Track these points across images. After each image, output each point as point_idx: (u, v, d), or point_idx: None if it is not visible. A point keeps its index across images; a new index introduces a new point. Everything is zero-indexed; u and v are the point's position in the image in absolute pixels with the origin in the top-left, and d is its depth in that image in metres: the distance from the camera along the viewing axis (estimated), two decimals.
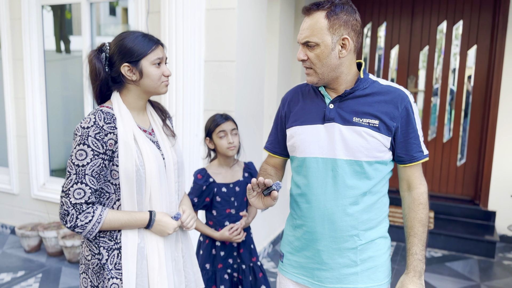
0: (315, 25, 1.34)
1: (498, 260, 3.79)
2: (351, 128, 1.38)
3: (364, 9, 4.69)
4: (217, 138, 2.10)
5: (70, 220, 1.37)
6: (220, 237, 2.07)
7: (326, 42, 1.34)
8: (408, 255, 1.44)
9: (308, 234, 1.48)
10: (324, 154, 1.42)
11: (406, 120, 1.39)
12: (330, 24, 1.33)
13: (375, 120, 1.37)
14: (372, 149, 1.37)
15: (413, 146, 1.41)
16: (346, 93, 1.41)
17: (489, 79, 4.19)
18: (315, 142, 1.43)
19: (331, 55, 1.35)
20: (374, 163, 1.39)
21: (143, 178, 1.43)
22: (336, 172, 1.40)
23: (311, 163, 1.44)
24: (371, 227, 1.44)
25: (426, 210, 1.44)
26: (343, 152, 1.39)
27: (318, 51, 1.35)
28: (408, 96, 1.40)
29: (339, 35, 1.34)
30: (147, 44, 1.45)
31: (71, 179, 1.37)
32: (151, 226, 1.46)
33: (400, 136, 1.40)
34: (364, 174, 1.39)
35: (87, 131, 1.37)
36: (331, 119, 1.41)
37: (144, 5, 3.18)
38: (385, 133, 1.38)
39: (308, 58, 1.38)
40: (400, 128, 1.39)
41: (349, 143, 1.38)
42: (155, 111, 1.61)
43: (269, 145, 1.67)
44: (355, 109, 1.40)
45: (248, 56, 3.09)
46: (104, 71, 1.46)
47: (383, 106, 1.38)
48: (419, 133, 1.41)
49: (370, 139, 1.37)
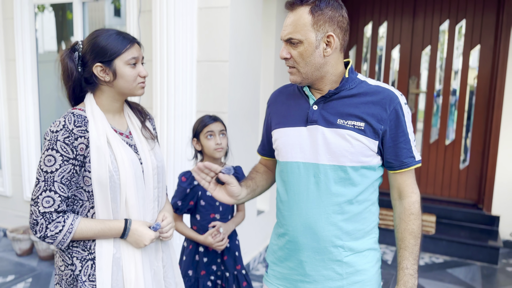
0: (299, 21, 1.25)
1: (501, 267, 3.67)
2: (335, 130, 1.28)
3: (364, 8, 4.59)
4: (204, 139, 2.01)
5: (39, 230, 1.29)
6: (203, 241, 1.98)
7: (310, 39, 1.24)
8: (398, 269, 1.34)
9: (291, 243, 1.38)
10: (306, 158, 1.32)
11: (396, 122, 1.28)
12: (314, 20, 1.23)
13: (361, 122, 1.27)
14: (357, 153, 1.27)
15: (403, 151, 1.31)
16: (330, 93, 1.31)
17: (493, 79, 4.08)
18: (297, 146, 1.34)
19: (315, 53, 1.26)
20: (360, 168, 1.29)
21: (117, 184, 1.34)
22: (318, 178, 1.31)
23: (293, 168, 1.35)
24: (358, 238, 1.34)
25: (418, 221, 1.34)
26: (326, 156, 1.29)
27: (301, 49, 1.26)
28: (398, 97, 1.29)
29: (324, 32, 1.25)
30: (121, 42, 1.36)
31: (40, 187, 1.29)
32: (126, 236, 1.38)
33: (389, 140, 1.30)
34: (349, 180, 1.29)
35: (56, 135, 1.29)
36: (314, 121, 1.32)
37: (136, 4, 3.10)
38: (372, 136, 1.28)
39: (291, 56, 1.29)
40: (389, 131, 1.29)
41: (332, 146, 1.28)
42: (134, 113, 1.52)
43: (260, 147, 1.61)
44: (339, 111, 1.30)
45: (242, 56, 3.00)
46: (76, 71, 1.38)
47: (370, 107, 1.28)
48: (410, 137, 1.31)
49: (354, 143, 1.27)
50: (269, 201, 3.74)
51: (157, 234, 1.44)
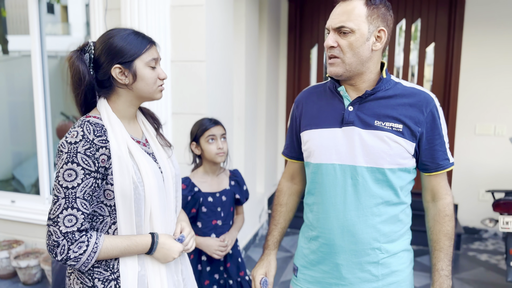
0: (353, 11, 1.23)
1: (463, 252, 3.90)
2: (372, 132, 1.27)
3: (324, 8, 4.67)
4: (205, 143, 1.94)
5: (61, 252, 1.16)
6: (203, 242, 1.90)
7: (362, 30, 1.23)
8: (433, 270, 1.35)
9: (326, 246, 1.36)
10: (342, 160, 1.31)
11: (432, 125, 1.29)
12: (369, 13, 1.23)
13: (399, 124, 1.27)
14: (395, 155, 1.27)
15: (439, 153, 1.32)
16: (367, 93, 1.30)
17: (447, 76, 4.31)
18: (332, 147, 1.32)
19: (365, 45, 1.25)
20: (397, 170, 1.29)
21: (142, 196, 1.25)
22: (356, 180, 1.29)
23: (328, 170, 1.33)
24: (394, 240, 1.34)
25: (453, 223, 1.36)
26: (363, 158, 1.28)
27: (352, 39, 1.24)
28: (434, 99, 1.31)
29: (376, 25, 1.24)
30: (141, 42, 1.27)
31: (60, 204, 1.17)
32: (154, 251, 1.28)
33: (425, 143, 1.30)
34: (386, 182, 1.29)
35: (75, 146, 1.17)
36: (350, 122, 1.30)
37: (101, 1, 2.93)
38: (410, 138, 1.28)
39: (339, 45, 1.26)
40: (426, 133, 1.29)
41: (370, 148, 1.27)
42: (147, 119, 1.43)
43: (286, 149, 1.56)
44: (376, 112, 1.29)
45: (217, 55, 2.94)
46: (89, 74, 1.27)
47: (407, 109, 1.28)
48: (445, 139, 1.33)
49: (393, 145, 1.26)
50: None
51: (183, 245, 1.37)
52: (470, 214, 4.23)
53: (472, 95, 4.15)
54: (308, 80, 4.82)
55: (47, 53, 3.39)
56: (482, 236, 4.26)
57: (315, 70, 4.80)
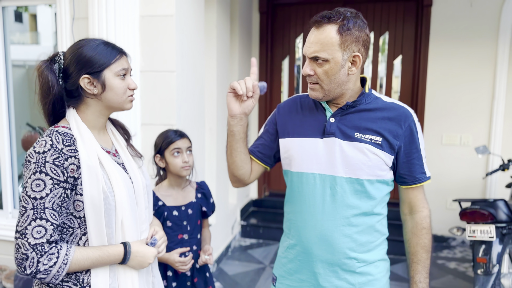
0: (326, 40, 1.24)
1: (432, 260, 3.96)
2: (352, 144, 1.30)
3: (295, 20, 4.73)
4: (170, 156, 1.90)
5: (30, 265, 1.13)
6: (167, 258, 1.83)
7: (337, 59, 1.25)
8: (411, 283, 1.38)
9: (303, 255, 1.37)
10: (322, 170, 1.33)
11: (410, 139, 1.33)
12: (342, 40, 1.24)
13: (378, 137, 1.30)
14: (374, 167, 1.30)
15: (416, 167, 1.35)
16: (348, 105, 1.32)
17: (414, 87, 4.42)
18: (313, 157, 1.34)
19: (340, 72, 1.26)
20: (375, 182, 1.32)
21: (112, 206, 1.23)
22: (334, 190, 1.31)
23: (308, 179, 1.34)
24: (370, 249, 1.36)
25: (430, 235, 1.39)
26: (342, 169, 1.30)
27: (327, 67, 1.26)
28: (412, 114, 1.34)
29: (350, 52, 1.25)
30: (110, 53, 1.27)
31: (28, 215, 1.14)
32: (127, 260, 1.26)
33: (403, 156, 1.33)
34: (365, 193, 1.31)
35: (44, 156, 1.16)
36: (331, 133, 1.32)
37: (68, 10, 2.87)
38: (388, 151, 1.31)
39: (315, 73, 1.28)
40: (404, 147, 1.33)
41: (350, 159, 1.29)
42: (117, 130, 1.42)
43: (254, 148, 1.52)
44: (357, 124, 1.32)
45: (188, 66, 2.92)
46: (57, 84, 1.25)
47: (386, 123, 1.31)
48: (422, 153, 1.36)
49: (372, 156, 1.29)
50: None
51: (157, 249, 1.35)
52: (438, 223, 4.31)
53: (439, 105, 4.26)
54: (279, 91, 4.85)
55: (14, 62, 3.29)
56: (451, 244, 4.35)
57: (287, 81, 4.84)
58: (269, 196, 4.95)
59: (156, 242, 1.37)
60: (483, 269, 2.60)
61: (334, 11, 1.27)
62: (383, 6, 4.48)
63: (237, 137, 1.40)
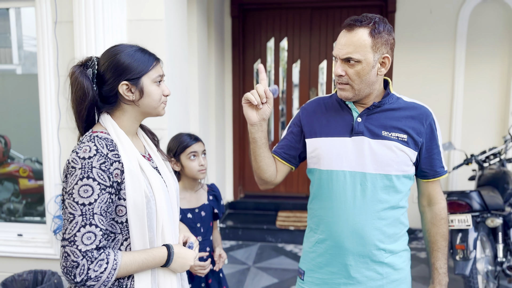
0: (358, 42, 1.32)
1: None
2: (381, 142, 1.39)
3: (266, 24, 4.83)
4: (187, 160, 1.93)
5: (80, 272, 1.12)
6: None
7: (368, 60, 1.33)
8: (433, 269, 1.49)
9: (334, 248, 1.45)
10: (352, 167, 1.40)
11: (430, 136, 1.43)
12: (374, 42, 1.32)
13: (404, 135, 1.40)
14: (401, 163, 1.39)
15: (436, 162, 1.46)
16: (374, 105, 1.41)
17: None
18: (343, 155, 1.41)
19: (371, 72, 1.35)
20: (402, 177, 1.42)
21: (153, 210, 1.24)
22: (365, 186, 1.39)
23: (338, 176, 1.42)
24: (396, 240, 1.45)
25: (447, 224, 1.51)
26: (372, 166, 1.39)
27: (359, 68, 1.33)
28: (431, 113, 1.46)
29: (381, 53, 1.34)
30: (148, 59, 1.28)
31: (77, 222, 1.13)
32: (171, 262, 1.28)
33: (424, 152, 1.44)
34: (393, 188, 1.41)
35: (90, 161, 1.15)
36: (359, 132, 1.40)
37: (50, 13, 2.78)
38: (413, 147, 1.41)
39: (347, 73, 1.36)
40: (425, 143, 1.43)
41: (379, 157, 1.38)
42: (146, 134, 1.42)
43: (279, 149, 1.57)
44: (383, 123, 1.41)
45: (176, 71, 2.93)
46: (92, 90, 1.25)
47: (410, 121, 1.41)
48: (440, 149, 1.47)
49: (399, 153, 1.39)
50: None
51: (195, 252, 1.38)
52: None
53: None
54: None
55: None
56: (418, 235, 4.62)
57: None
58: (245, 198, 5.01)
59: (193, 246, 1.40)
60: (462, 255, 2.82)
61: (364, 16, 1.36)
62: (349, 12, 4.69)
63: (259, 143, 1.45)
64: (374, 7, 4.61)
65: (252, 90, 1.38)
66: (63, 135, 2.84)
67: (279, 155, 1.57)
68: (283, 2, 4.73)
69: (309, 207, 1.56)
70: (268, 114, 1.41)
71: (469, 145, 4.44)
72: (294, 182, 5.01)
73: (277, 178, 1.56)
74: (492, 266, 2.98)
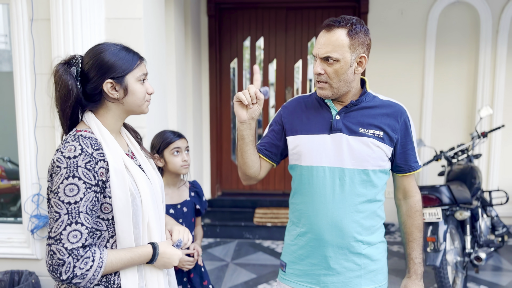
0: (337, 42, 1.38)
1: None
2: (358, 138, 1.46)
3: (242, 24, 4.88)
4: (170, 156, 1.97)
5: (66, 270, 1.13)
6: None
7: (346, 59, 1.39)
8: (408, 259, 1.57)
9: (315, 241, 1.51)
10: (331, 163, 1.47)
11: (405, 132, 1.51)
12: (351, 42, 1.39)
13: (380, 131, 1.47)
14: (377, 158, 1.47)
15: (410, 157, 1.54)
16: (352, 103, 1.48)
17: None
18: (322, 152, 1.48)
19: (349, 71, 1.41)
20: (378, 171, 1.49)
21: (139, 207, 1.27)
22: (343, 181, 1.46)
23: (318, 172, 1.48)
24: (373, 232, 1.53)
25: (421, 217, 1.59)
26: (350, 161, 1.46)
27: (337, 67, 1.40)
28: (406, 111, 1.54)
29: (358, 53, 1.41)
30: (132, 58, 1.30)
31: (62, 221, 1.14)
32: (154, 260, 1.30)
33: (399, 147, 1.52)
34: (370, 182, 1.48)
35: (75, 160, 1.17)
36: (338, 129, 1.47)
37: (25, 11, 2.74)
38: (389, 143, 1.49)
39: (326, 72, 1.42)
40: (400, 139, 1.51)
41: (356, 153, 1.46)
42: (129, 132, 1.44)
43: (261, 146, 1.62)
44: (360, 121, 1.48)
45: (154, 69, 2.94)
46: (77, 88, 1.26)
47: (386, 118, 1.49)
48: (414, 145, 1.55)
49: (375, 149, 1.46)
50: None
51: (181, 251, 1.40)
52: None
53: None
54: (229, 92, 4.97)
55: None
56: (390, 229, 4.77)
57: (237, 82, 4.97)
58: (222, 196, 5.06)
59: (181, 244, 1.42)
60: (432, 247, 2.95)
61: (343, 17, 1.43)
62: (323, 13, 4.79)
63: (247, 140, 1.51)
64: (347, 8, 4.72)
65: (244, 90, 1.44)
66: (39, 134, 2.81)
67: (261, 152, 1.63)
68: (259, 2, 4.80)
69: (291, 202, 1.62)
70: (258, 114, 1.47)
71: (438, 142, 4.62)
72: (271, 180, 5.09)
73: (260, 174, 1.62)
74: (461, 257, 3.13)
